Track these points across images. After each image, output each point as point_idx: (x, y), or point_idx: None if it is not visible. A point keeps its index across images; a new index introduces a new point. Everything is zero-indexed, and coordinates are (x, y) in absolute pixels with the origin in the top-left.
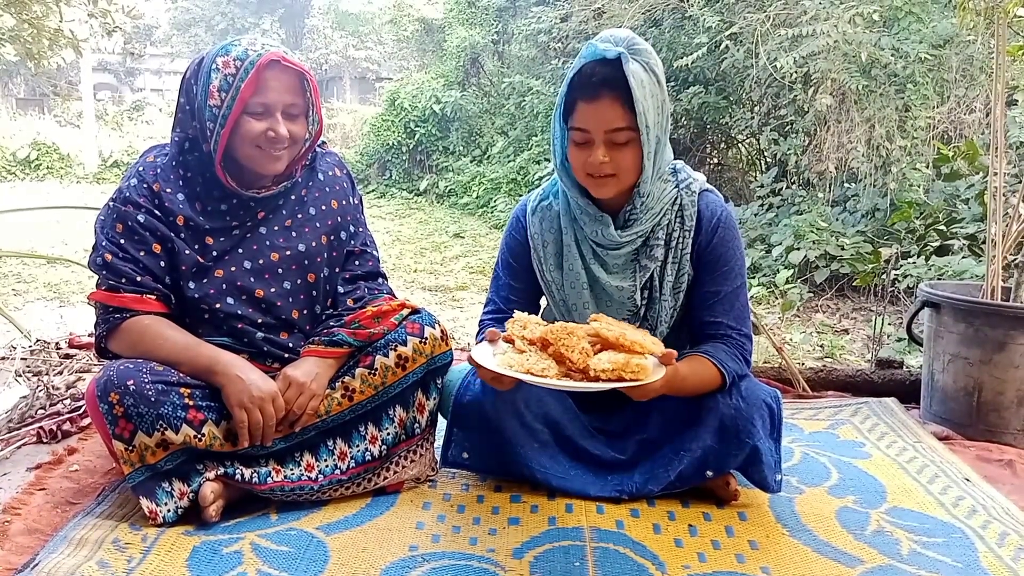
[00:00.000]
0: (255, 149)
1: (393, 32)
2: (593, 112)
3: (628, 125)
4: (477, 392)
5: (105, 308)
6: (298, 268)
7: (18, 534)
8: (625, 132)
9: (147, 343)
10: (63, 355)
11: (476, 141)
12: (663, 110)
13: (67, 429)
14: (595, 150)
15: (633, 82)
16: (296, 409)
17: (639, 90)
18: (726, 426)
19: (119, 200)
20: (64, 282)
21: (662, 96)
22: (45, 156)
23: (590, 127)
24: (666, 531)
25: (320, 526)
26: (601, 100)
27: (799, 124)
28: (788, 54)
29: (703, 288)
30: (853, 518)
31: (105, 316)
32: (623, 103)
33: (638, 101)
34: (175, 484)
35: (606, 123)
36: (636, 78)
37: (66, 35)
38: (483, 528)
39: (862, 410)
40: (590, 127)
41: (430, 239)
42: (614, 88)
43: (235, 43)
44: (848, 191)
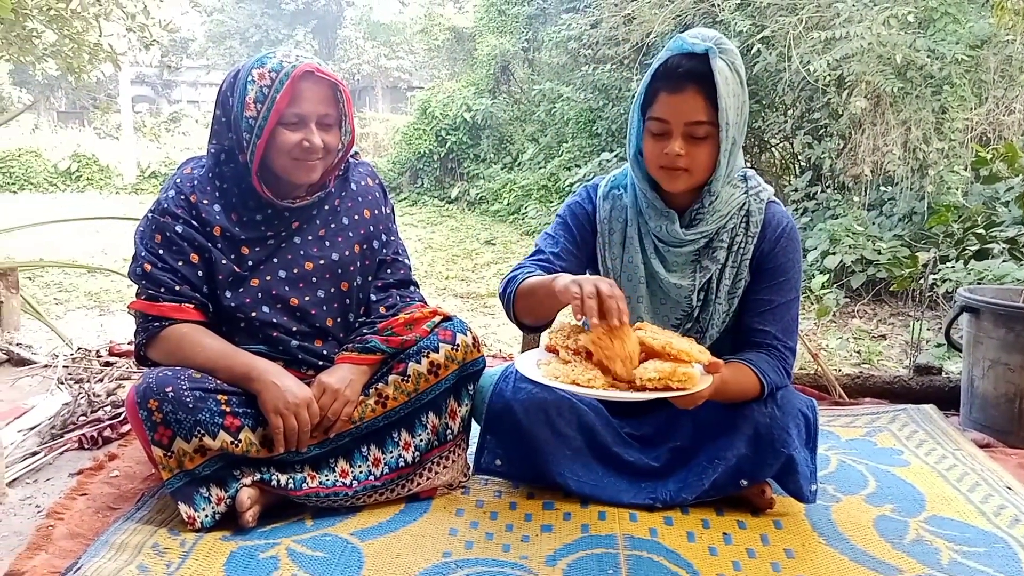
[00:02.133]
0: (290, 159)
1: (424, 41)
2: (675, 103)
3: (708, 120)
4: (509, 399)
5: (144, 317)
6: (332, 277)
7: (61, 538)
8: (705, 127)
9: (185, 350)
10: (104, 363)
11: (507, 148)
12: (742, 111)
13: (108, 435)
14: (672, 142)
15: (719, 78)
16: (331, 415)
17: (724, 87)
18: (761, 435)
19: (157, 211)
20: (104, 291)
21: (743, 97)
22: (85, 168)
23: (670, 118)
24: (700, 539)
25: (354, 532)
26: (685, 92)
27: (833, 127)
28: (821, 57)
29: (757, 295)
30: (891, 527)
31: (144, 324)
32: (706, 97)
33: (721, 97)
34: (213, 490)
35: (687, 115)
36: (722, 74)
37: (105, 49)
38: (516, 535)
39: (900, 417)
40: (670, 118)
41: (461, 246)
42: (699, 82)
43: (270, 55)
44: (884, 195)
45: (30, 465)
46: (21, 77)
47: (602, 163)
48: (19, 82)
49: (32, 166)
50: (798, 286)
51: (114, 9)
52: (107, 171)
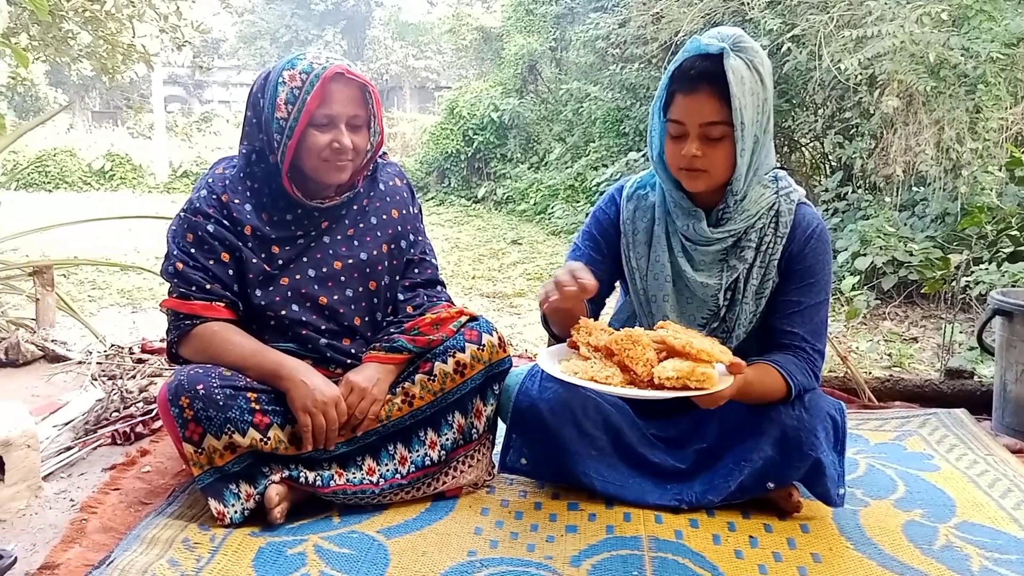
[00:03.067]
0: (320, 160)
1: (452, 41)
2: (689, 105)
3: (723, 120)
4: (535, 398)
5: (176, 315)
6: (360, 276)
7: (94, 532)
8: (720, 127)
9: (216, 348)
10: (136, 360)
11: (534, 148)
12: (763, 109)
13: (140, 431)
14: (689, 143)
15: (732, 77)
16: (358, 413)
17: (737, 86)
18: (788, 437)
19: (189, 211)
20: (136, 288)
21: (764, 95)
22: (119, 167)
23: (685, 119)
24: (726, 542)
25: (381, 529)
26: (698, 93)
27: (865, 127)
28: (852, 56)
29: (786, 296)
30: (921, 532)
31: (176, 323)
32: (720, 98)
33: (735, 96)
34: (242, 486)
35: (701, 116)
36: (736, 74)
37: (138, 50)
38: (541, 535)
39: (930, 421)
40: (685, 119)
41: (488, 246)
42: (712, 82)
43: (300, 57)
44: (916, 195)
45: (65, 460)
46: (57, 78)
47: (629, 163)
48: (55, 82)
49: (67, 165)
50: (828, 288)
51: (147, 10)
52: (140, 170)
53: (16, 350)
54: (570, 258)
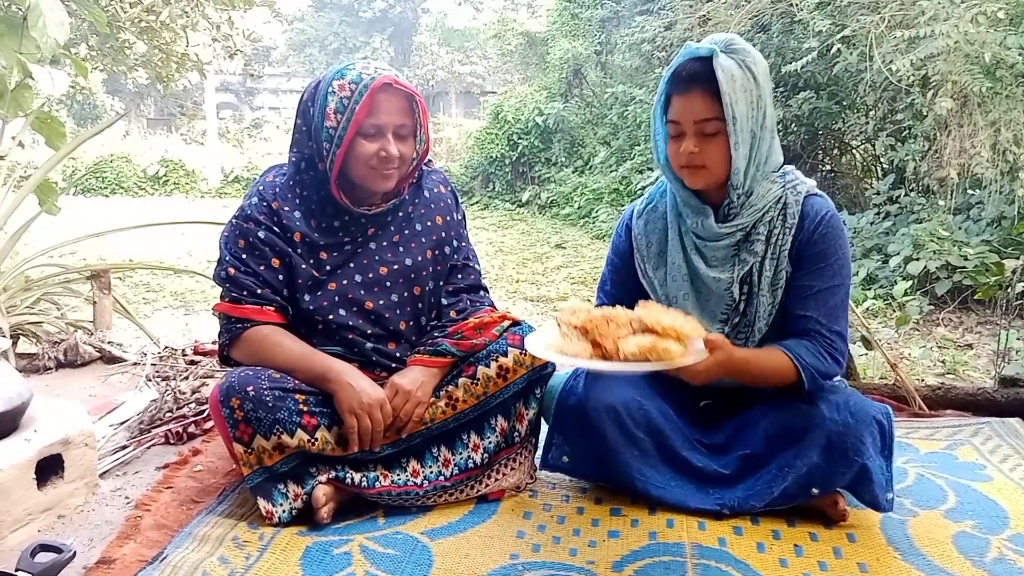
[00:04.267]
0: (368, 168)
1: (497, 46)
2: (683, 104)
3: (715, 116)
4: (580, 397)
5: (228, 319)
6: (405, 281)
7: (148, 528)
8: (713, 123)
9: (265, 351)
10: (189, 361)
11: (578, 152)
12: (758, 105)
13: (192, 431)
14: (686, 141)
15: (721, 75)
16: (403, 416)
17: (727, 83)
18: (833, 443)
19: (241, 217)
20: (189, 291)
21: (757, 92)
22: (172, 172)
23: (681, 119)
24: (770, 550)
25: (425, 531)
26: (691, 93)
27: (917, 128)
28: (905, 56)
29: (798, 282)
30: (971, 544)
31: (228, 326)
32: (711, 96)
33: (725, 93)
34: (290, 486)
35: (694, 114)
36: (725, 72)
37: (192, 59)
38: (583, 540)
39: (983, 430)
40: (681, 119)
41: (532, 250)
42: (703, 82)
43: (350, 67)
44: (971, 198)
45: (120, 458)
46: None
47: None
48: (112, 91)
49: (123, 171)
50: (843, 272)
51: (200, 20)
52: (193, 176)
53: (75, 351)
54: (599, 289)
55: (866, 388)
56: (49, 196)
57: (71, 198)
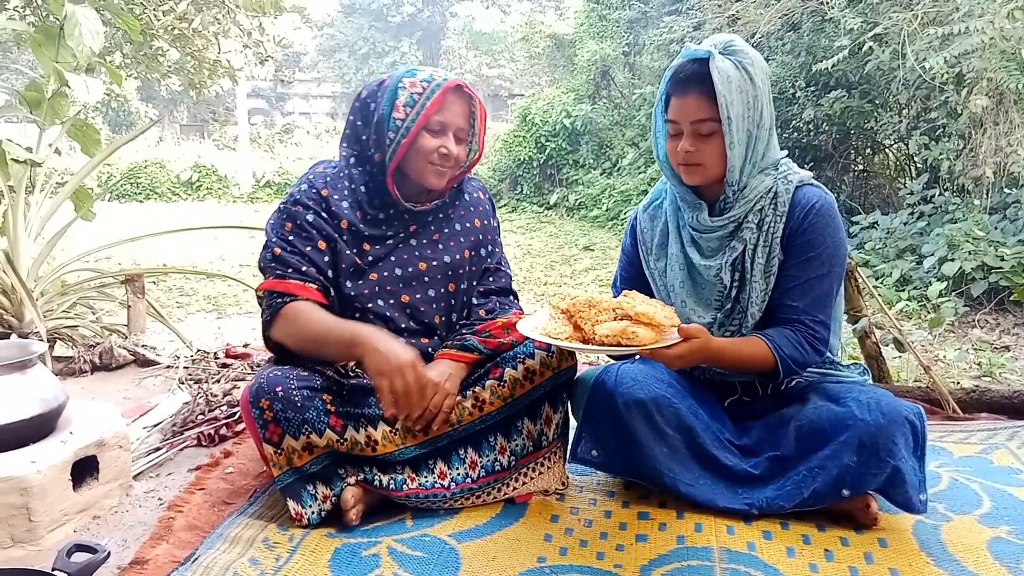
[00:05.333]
0: (426, 162)
1: (525, 49)
2: (681, 105)
3: (711, 117)
4: (611, 390)
5: (271, 294)
6: (443, 278)
7: (180, 529)
8: (708, 123)
9: (301, 322)
10: (220, 364)
11: (606, 154)
12: (754, 105)
13: (223, 434)
14: (683, 140)
15: (717, 77)
16: (432, 407)
17: (723, 85)
18: (865, 444)
19: (289, 202)
20: (221, 295)
21: (754, 92)
22: (205, 178)
23: (679, 118)
24: (800, 555)
25: (452, 533)
26: (688, 94)
27: (952, 127)
28: (938, 54)
29: (787, 272)
30: (1007, 550)
31: (270, 301)
32: (708, 97)
33: (720, 94)
34: (319, 488)
35: (691, 114)
36: (721, 74)
37: (224, 65)
38: (610, 543)
39: (1020, 434)
40: (679, 118)
41: (560, 252)
42: (700, 83)
43: (419, 69)
44: (1008, 198)
45: (153, 460)
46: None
47: None
48: (145, 98)
49: (157, 177)
50: (832, 263)
51: (232, 27)
52: (225, 181)
53: (109, 355)
54: (612, 285)
55: (899, 391)
56: (85, 202)
57: (106, 204)
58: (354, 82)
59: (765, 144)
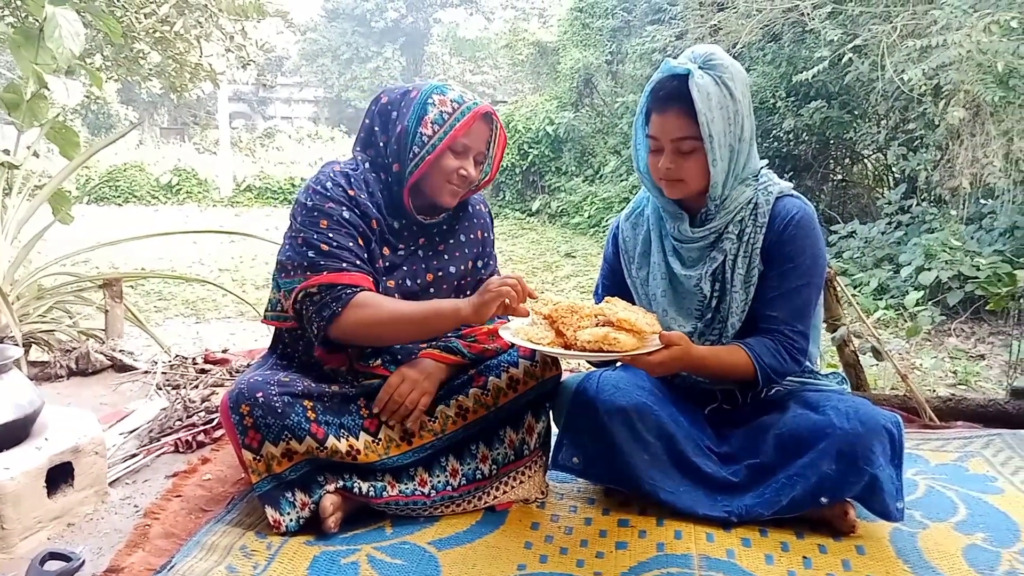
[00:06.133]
0: (445, 182)
1: (508, 56)
2: (661, 122)
3: (692, 135)
4: (592, 397)
5: (333, 287)
6: (448, 289)
7: (157, 537)
8: (689, 141)
9: (379, 306)
10: (199, 370)
11: (589, 161)
12: (735, 120)
13: (201, 440)
14: (664, 157)
15: (697, 95)
16: (408, 403)
17: (703, 103)
18: (843, 453)
19: (318, 201)
20: (200, 299)
21: (734, 107)
22: (185, 181)
23: (659, 136)
24: (779, 562)
25: (432, 541)
26: (668, 112)
27: (929, 138)
28: (917, 66)
29: (767, 283)
30: (982, 557)
31: (335, 295)
32: (688, 115)
33: (701, 113)
34: (298, 495)
35: (671, 132)
36: (701, 91)
37: (205, 69)
38: (590, 551)
39: (995, 442)
40: (659, 136)
41: (542, 259)
42: (680, 101)
43: (447, 87)
44: (984, 208)
45: (130, 466)
46: (128, 96)
47: None
48: (126, 100)
49: (136, 180)
50: (812, 273)
51: (214, 31)
52: (205, 185)
53: (86, 359)
54: (594, 293)
55: (876, 399)
56: (63, 205)
57: (84, 207)
58: (336, 87)
59: (747, 156)
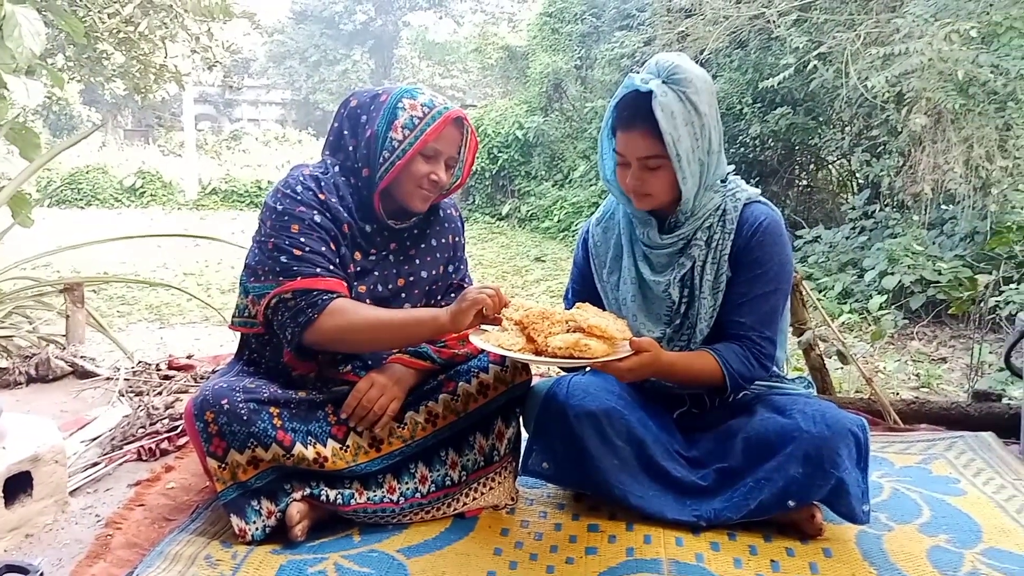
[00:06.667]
0: (415, 187)
1: (478, 60)
2: (627, 141)
3: (658, 153)
4: (562, 402)
5: (308, 293)
6: (420, 293)
7: (119, 547)
8: (655, 159)
9: (355, 312)
10: (163, 376)
11: (558, 165)
12: (702, 134)
13: (165, 448)
14: (631, 173)
15: (661, 115)
16: (377, 409)
17: (667, 122)
18: (810, 456)
19: (288, 205)
20: (164, 304)
21: (700, 122)
22: (149, 184)
23: (625, 153)
24: (747, 566)
25: (401, 549)
26: (633, 131)
27: (892, 144)
28: (880, 73)
29: (735, 289)
30: (945, 558)
31: (311, 300)
32: (653, 134)
33: (666, 132)
34: (264, 503)
35: (638, 151)
36: (666, 111)
37: (170, 70)
38: (560, 557)
39: (957, 444)
40: (625, 153)
41: (512, 263)
42: (645, 120)
43: (418, 90)
44: (945, 213)
45: (91, 475)
46: (90, 97)
47: None
48: (88, 101)
49: (99, 182)
50: (779, 279)
51: (179, 32)
52: (170, 187)
53: (46, 366)
54: (564, 297)
55: (842, 402)
56: (23, 208)
57: (45, 210)
58: (304, 89)
59: (716, 165)
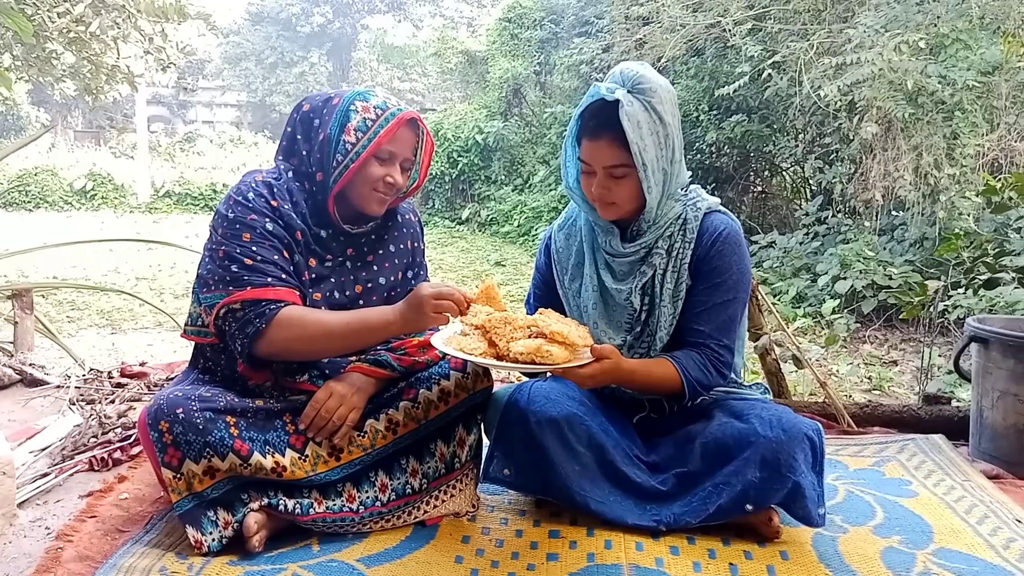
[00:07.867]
0: (371, 190)
1: (437, 64)
2: (593, 150)
3: (624, 163)
4: (523, 409)
5: (257, 303)
6: (378, 299)
7: (70, 561)
8: (621, 168)
9: (305, 322)
10: (115, 384)
11: (518, 170)
12: (666, 144)
13: (118, 458)
14: (596, 182)
15: (628, 124)
16: (336, 420)
17: (634, 132)
18: (767, 460)
19: (240, 213)
20: (116, 310)
21: (665, 131)
22: (100, 186)
23: (591, 162)
24: (706, 569)
25: (361, 558)
26: (600, 140)
27: (844, 152)
28: (832, 82)
29: (694, 298)
30: (898, 559)
31: (258, 310)
32: (620, 143)
33: (633, 143)
34: (220, 514)
35: (603, 160)
36: (632, 120)
37: (123, 71)
38: (522, 563)
39: (909, 447)
40: (591, 162)
41: (471, 267)
42: (611, 129)
43: (371, 92)
44: (896, 220)
45: (41, 487)
46: (39, 97)
47: None
48: (37, 101)
49: (48, 185)
50: (738, 287)
51: (132, 32)
52: (122, 190)
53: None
54: (525, 303)
55: (797, 406)
56: None
57: None
58: (260, 91)
59: (677, 174)
